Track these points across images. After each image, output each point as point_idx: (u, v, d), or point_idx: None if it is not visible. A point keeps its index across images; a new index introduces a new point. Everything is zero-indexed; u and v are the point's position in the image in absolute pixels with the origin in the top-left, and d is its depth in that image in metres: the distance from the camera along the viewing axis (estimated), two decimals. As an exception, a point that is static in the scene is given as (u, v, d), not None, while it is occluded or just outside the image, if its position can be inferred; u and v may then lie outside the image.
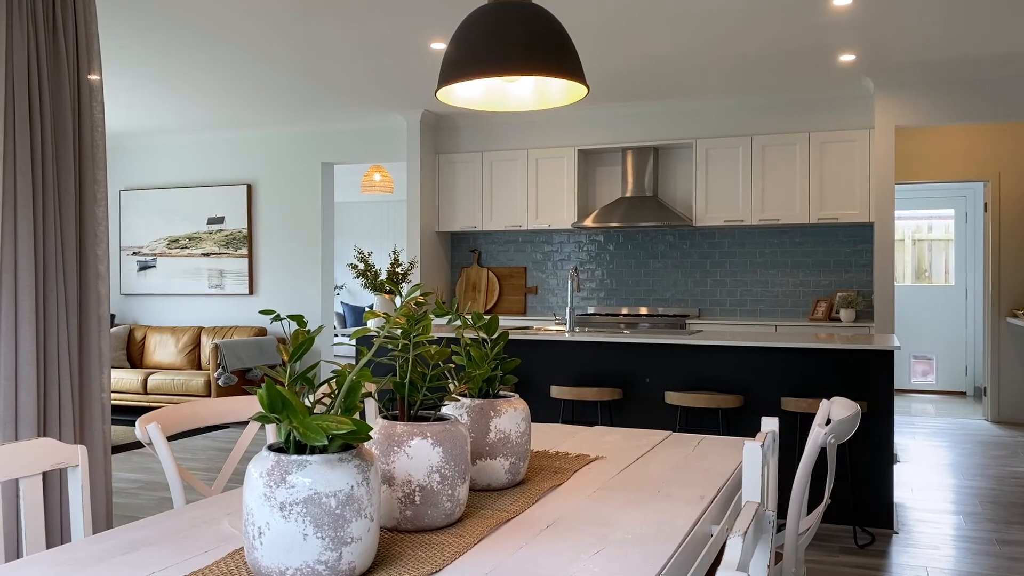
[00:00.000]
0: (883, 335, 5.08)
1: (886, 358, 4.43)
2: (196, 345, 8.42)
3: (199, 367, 8.32)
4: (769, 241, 7.21)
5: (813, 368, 4.56)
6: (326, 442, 1.27)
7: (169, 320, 9.03)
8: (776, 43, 5.56)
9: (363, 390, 1.48)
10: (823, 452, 4.20)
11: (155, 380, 7.81)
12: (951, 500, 5.07)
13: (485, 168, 7.74)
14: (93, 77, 3.46)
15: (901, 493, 5.22)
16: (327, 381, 1.50)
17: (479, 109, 2.35)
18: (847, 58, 5.89)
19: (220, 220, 8.71)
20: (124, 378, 7.91)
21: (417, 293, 1.59)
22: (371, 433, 1.71)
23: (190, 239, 8.85)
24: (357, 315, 12.30)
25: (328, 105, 7.42)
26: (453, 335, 5.15)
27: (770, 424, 1.99)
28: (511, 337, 5.08)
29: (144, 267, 9.06)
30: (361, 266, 5.34)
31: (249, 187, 8.60)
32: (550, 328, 5.65)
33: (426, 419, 1.79)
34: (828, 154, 6.78)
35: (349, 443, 1.43)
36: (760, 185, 6.95)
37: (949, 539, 4.31)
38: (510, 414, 1.99)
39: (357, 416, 1.44)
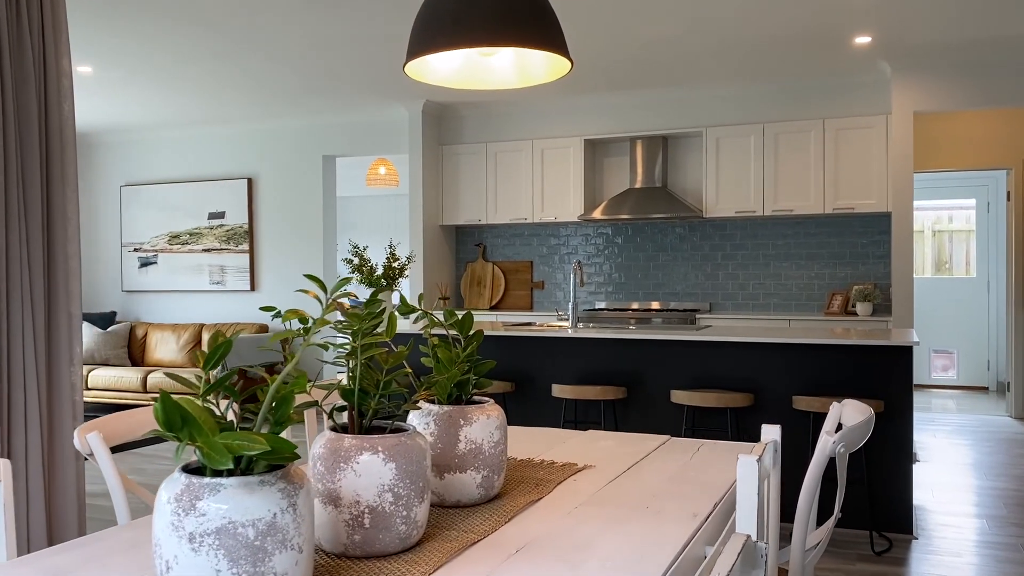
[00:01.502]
0: (901, 330, 4.84)
1: (904, 354, 4.20)
2: (197, 342, 8.28)
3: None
4: (782, 233, 6.97)
5: (827, 365, 4.33)
6: (230, 465, 1.07)
7: (171, 317, 8.89)
8: (788, 25, 5.32)
9: (302, 400, 1.29)
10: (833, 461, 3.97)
11: (155, 378, 7.67)
12: (974, 502, 4.83)
13: (489, 159, 7.54)
14: (62, 64, 3.29)
15: (921, 495, 4.98)
16: (255, 390, 1.31)
17: (456, 87, 2.15)
18: (862, 40, 5.64)
19: (221, 215, 8.56)
20: (124, 376, 7.78)
21: (345, 288, 1.39)
22: (315, 447, 1.52)
23: (191, 235, 8.70)
24: (364, 311, 12.12)
25: (329, 96, 7.24)
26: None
27: (771, 433, 1.78)
28: (511, 334, 4.88)
29: (145, 263, 8.92)
30: (356, 260, 5.15)
31: (250, 181, 8.44)
32: (553, 324, 5.44)
33: (382, 430, 1.60)
34: (843, 142, 6.53)
35: (277, 463, 1.24)
36: (773, 175, 6.71)
37: (972, 545, 4.08)
38: (482, 422, 1.79)
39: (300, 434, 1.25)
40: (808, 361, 4.37)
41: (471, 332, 1.92)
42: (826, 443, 1.86)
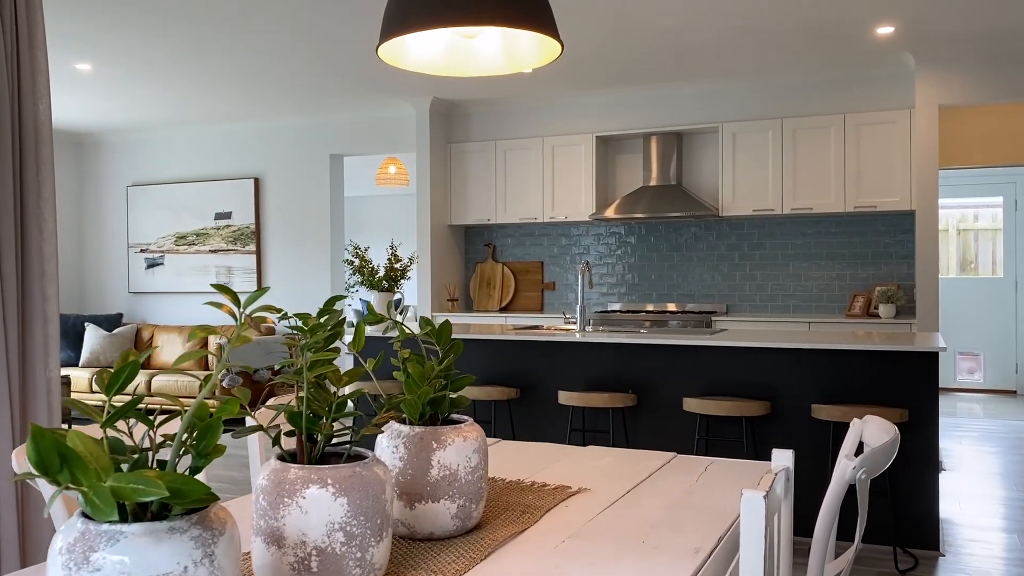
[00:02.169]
0: (926, 334, 4.61)
1: (930, 360, 3.97)
2: (204, 344, 8.14)
3: (207, 367, 8.05)
4: (802, 232, 6.73)
5: (848, 371, 4.11)
6: (114, 516, 0.89)
7: (177, 319, 8.77)
8: (807, 15, 5.09)
9: (224, 426, 1.10)
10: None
11: (159, 381, 7.55)
12: (1004, 515, 4.58)
13: (498, 157, 7.34)
14: (38, 61, 3.13)
15: (948, 507, 4.74)
16: (177, 413, 1.13)
17: (437, 73, 1.96)
18: (885, 31, 5.40)
19: (227, 215, 8.42)
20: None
21: (261, 301, 1.21)
22: (259, 477, 1.33)
23: (197, 235, 8.58)
24: (376, 312, 11.94)
25: (335, 93, 7.07)
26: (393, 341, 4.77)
27: (782, 459, 1.58)
28: (515, 338, 4.68)
29: (152, 264, 8.80)
30: (357, 262, 4.98)
31: (256, 181, 8.30)
32: (560, 327, 5.25)
33: (338, 456, 1.41)
34: (865, 137, 6.28)
35: (194, 506, 1.05)
36: (791, 172, 6.48)
37: (1003, 563, 3.84)
38: (457, 445, 1.60)
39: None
40: (828, 367, 4.15)
41: (449, 343, 1.73)
42: (845, 468, 1.65)
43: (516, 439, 4.77)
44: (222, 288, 1.06)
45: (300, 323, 1.38)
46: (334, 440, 1.58)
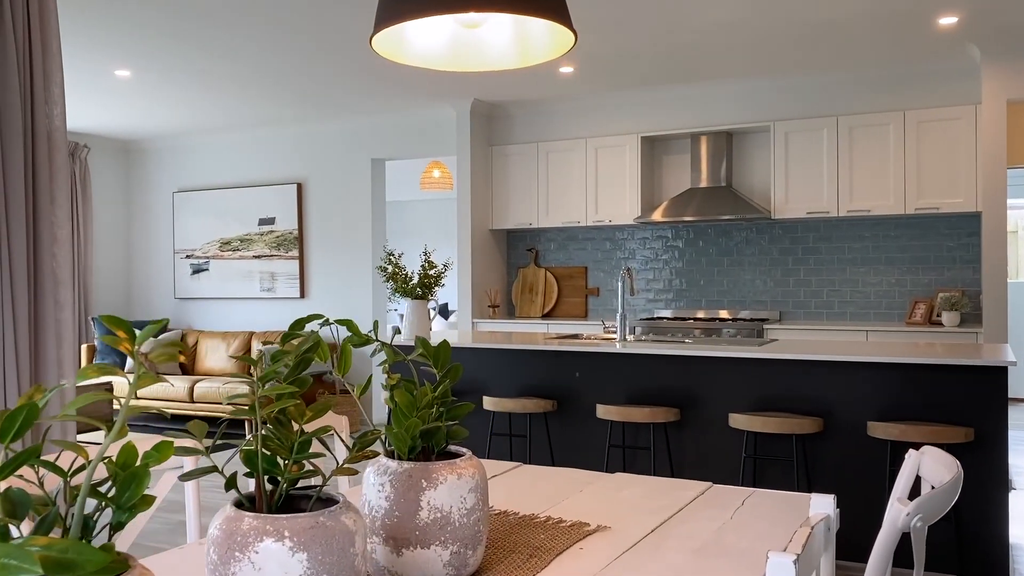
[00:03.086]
0: (994, 346, 4.28)
1: (998, 375, 3.67)
2: (247, 351, 8.11)
3: (250, 374, 8.00)
4: (860, 235, 6.40)
5: (907, 386, 3.82)
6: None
7: (221, 325, 8.77)
8: (864, 5, 4.80)
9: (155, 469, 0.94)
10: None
11: (201, 388, 7.52)
12: (1081, 542, 4.24)
13: (541, 160, 7.16)
14: (51, 70, 3.04)
15: (1017, 531, 4.41)
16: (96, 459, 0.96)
17: (443, 68, 1.79)
18: (948, 21, 5.08)
19: (271, 221, 8.39)
20: (172, 385, 7.66)
21: (164, 338, 1.04)
22: (213, 527, 1.17)
23: (242, 241, 8.56)
24: (422, 317, 11.83)
25: (375, 96, 6.97)
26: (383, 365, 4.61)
27: (822, 505, 1.37)
28: (551, 348, 4.49)
29: (197, 270, 8.82)
30: (390, 268, 4.84)
31: (299, 186, 8.25)
32: (599, 336, 5.04)
33: (306, 499, 1.24)
34: (927, 135, 5.94)
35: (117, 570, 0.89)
36: (847, 172, 6.16)
37: (1081, 597, 3.52)
38: (450, 484, 1.42)
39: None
40: (886, 381, 3.87)
41: (447, 366, 1.55)
42: (898, 514, 1.43)
43: (553, 455, 4.58)
44: (111, 320, 0.90)
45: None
46: (301, 483, 1.41)
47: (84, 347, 8.25)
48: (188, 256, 8.87)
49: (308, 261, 8.25)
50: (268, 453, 1.17)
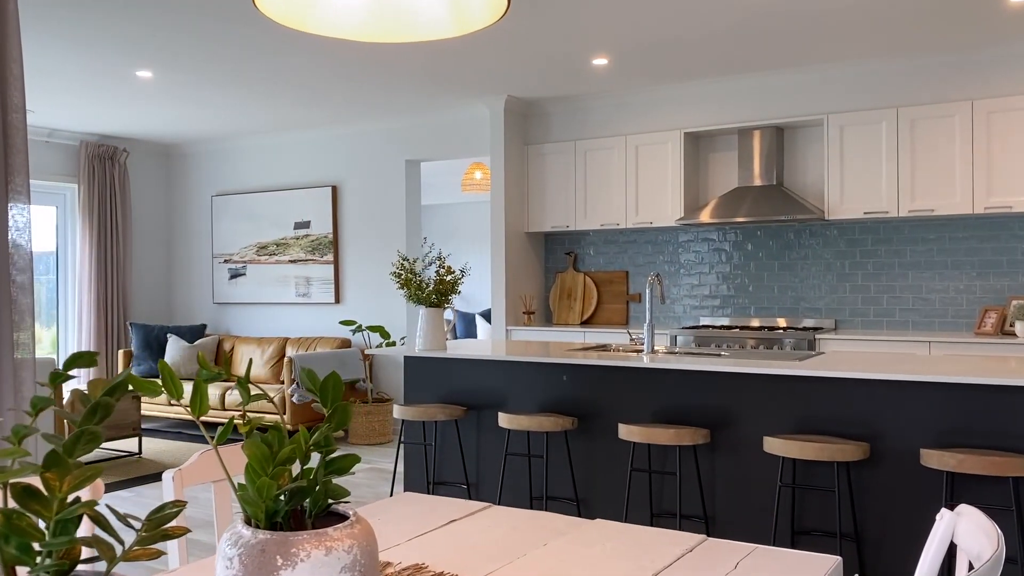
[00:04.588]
0: (1072, 361, 3.78)
1: (1076, 398, 3.19)
2: (281, 357, 7.95)
3: (283, 381, 7.84)
4: (922, 237, 5.88)
5: (967, 407, 3.37)
6: None
7: (257, 330, 8.63)
8: (921, -17, 4.33)
9: None
10: None
11: (233, 395, 7.37)
12: None
13: (578, 159, 6.80)
14: (12, 71, 2.83)
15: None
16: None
17: (364, 39, 1.48)
18: (1021, 0, 4.57)
19: (306, 224, 8.22)
20: (204, 392, 7.52)
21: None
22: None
23: (278, 245, 8.41)
24: (468, 323, 11.58)
25: (407, 95, 6.71)
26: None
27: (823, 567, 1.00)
28: (569, 361, 4.14)
29: (235, 275, 8.71)
30: (403, 275, 4.56)
31: (334, 189, 8.05)
32: (627, 348, 4.67)
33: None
34: (997, 127, 5.40)
35: None
36: (908, 168, 5.66)
37: None
38: (315, 561, 1.10)
39: None
40: (941, 403, 3.42)
41: (335, 406, 1.23)
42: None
43: (574, 477, 4.22)
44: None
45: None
46: (79, 568, 1.11)
47: (121, 352, 8.19)
48: (226, 260, 8.76)
49: (343, 265, 8.04)
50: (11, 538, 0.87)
